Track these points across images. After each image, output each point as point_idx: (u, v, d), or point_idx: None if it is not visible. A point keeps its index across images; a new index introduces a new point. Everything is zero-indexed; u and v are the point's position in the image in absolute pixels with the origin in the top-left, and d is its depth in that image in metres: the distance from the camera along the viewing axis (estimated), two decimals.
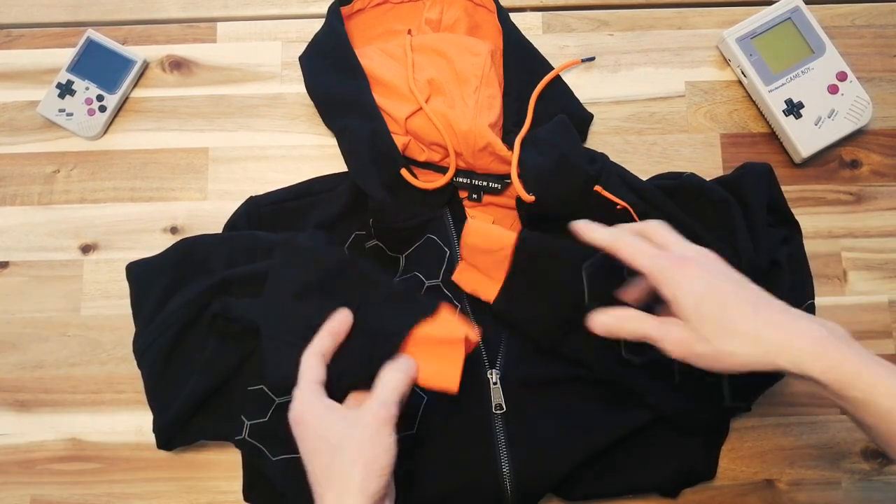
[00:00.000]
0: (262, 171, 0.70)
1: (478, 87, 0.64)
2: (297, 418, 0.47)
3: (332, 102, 0.66)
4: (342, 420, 0.46)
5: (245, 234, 0.64)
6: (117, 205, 0.69)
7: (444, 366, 0.52)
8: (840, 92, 0.68)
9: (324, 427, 0.46)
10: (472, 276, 0.61)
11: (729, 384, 0.58)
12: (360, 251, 0.65)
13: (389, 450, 0.46)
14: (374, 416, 0.46)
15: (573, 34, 0.73)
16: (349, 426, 0.46)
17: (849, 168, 0.70)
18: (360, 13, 0.70)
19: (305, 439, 0.47)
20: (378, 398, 0.47)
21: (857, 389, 0.42)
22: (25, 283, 0.68)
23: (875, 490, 0.64)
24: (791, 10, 0.69)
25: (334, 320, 0.52)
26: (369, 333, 0.53)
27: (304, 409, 0.47)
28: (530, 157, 0.62)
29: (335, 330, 0.52)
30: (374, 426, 0.45)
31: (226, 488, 0.64)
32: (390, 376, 0.48)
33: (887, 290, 0.68)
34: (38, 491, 0.64)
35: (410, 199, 0.64)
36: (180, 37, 0.73)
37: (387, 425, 0.46)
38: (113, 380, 0.66)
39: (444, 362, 0.52)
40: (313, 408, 0.47)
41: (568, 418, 0.60)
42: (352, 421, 0.46)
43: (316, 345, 0.51)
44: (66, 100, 0.70)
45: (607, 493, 0.61)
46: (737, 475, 0.64)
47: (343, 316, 0.53)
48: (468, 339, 0.53)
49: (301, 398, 0.48)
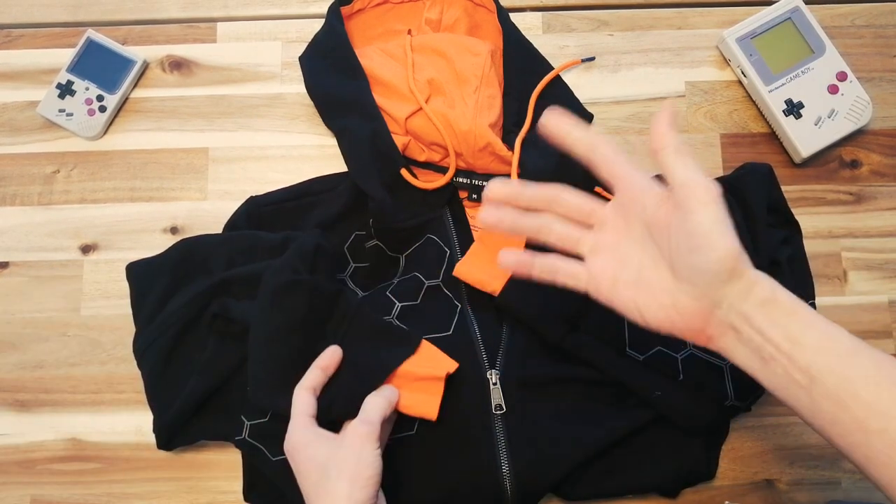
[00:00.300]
0: (262, 171, 0.70)
1: (478, 87, 0.64)
2: (290, 448, 0.52)
3: (332, 102, 0.66)
4: (330, 443, 0.51)
5: (245, 233, 0.64)
6: (117, 205, 0.69)
7: (425, 397, 0.56)
8: (840, 92, 0.68)
9: (313, 451, 0.50)
10: (477, 268, 0.61)
11: (731, 383, 0.58)
12: (360, 251, 0.65)
13: (373, 463, 0.49)
14: (356, 434, 0.50)
15: (573, 34, 0.73)
16: (336, 447, 0.50)
17: (849, 168, 0.70)
18: (360, 13, 0.70)
19: (298, 463, 0.51)
20: (361, 418, 0.51)
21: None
22: (25, 283, 0.68)
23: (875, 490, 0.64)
24: (791, 10, 0.69)
25: (325, 357, 0.56)
26: (356, 369, 0.56)
27: (297, 439, 0.51)
28: (530, 157, 0.62)
29: (325, 365, 0.55)
30: (358, 443, 0.50)
31: (226, 488, 0.64)
32: (374, 401, 0.53)
33: (887, 290, 0.68)
34: (38, 491, 0.64)
35: (410, 199, 0.64)
36: (180, 37, 0.73)
37: (369, 441, 0.50)
38: (113, 380, 0.66)
39: (425, 394, 0.56)
40: (305, 437, 0.51)
41: (568, 418, 0.60)
42: (338, 443, 0.51)
43: (307, 380, 0.54)
44: (66, 100, 0.70)
45: (607, 492, 0.61)
46: (737, 475, 0.64)
47: (333, 352, 0.56)
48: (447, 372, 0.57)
49: (294, 430, 0.52)
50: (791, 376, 0.42)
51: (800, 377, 0.42)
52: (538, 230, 0.50)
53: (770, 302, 0.43)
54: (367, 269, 0.65)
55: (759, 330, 0.43)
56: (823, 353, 0.42)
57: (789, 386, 0.42)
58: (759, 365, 0.44)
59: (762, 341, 0.43)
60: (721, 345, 0.45)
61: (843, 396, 0.41)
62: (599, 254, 0.49)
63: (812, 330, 0.42)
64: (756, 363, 0.44)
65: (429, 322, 0.61)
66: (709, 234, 0.42)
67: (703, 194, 0.42)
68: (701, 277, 0.43)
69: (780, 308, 0.43)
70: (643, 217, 0.46)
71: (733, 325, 0.44)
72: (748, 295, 0.43)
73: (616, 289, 0.48)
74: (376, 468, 0.49)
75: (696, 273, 0.44)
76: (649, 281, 0.46)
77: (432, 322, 0.61)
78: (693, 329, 0.45)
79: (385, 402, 0.53)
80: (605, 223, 0.49)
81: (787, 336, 0.42)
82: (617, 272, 0.48)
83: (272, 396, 0.56)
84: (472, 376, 0.59)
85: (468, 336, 0.61)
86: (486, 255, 0.62)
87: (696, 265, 0.43)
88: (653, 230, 0.46)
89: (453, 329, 0.61)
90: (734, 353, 0.45)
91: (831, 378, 0.41)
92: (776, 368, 0.43)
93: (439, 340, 0.60)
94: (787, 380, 0.42)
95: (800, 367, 0.42)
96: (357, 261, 0.65)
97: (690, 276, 0.44)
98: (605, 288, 0.48)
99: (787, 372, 0.42)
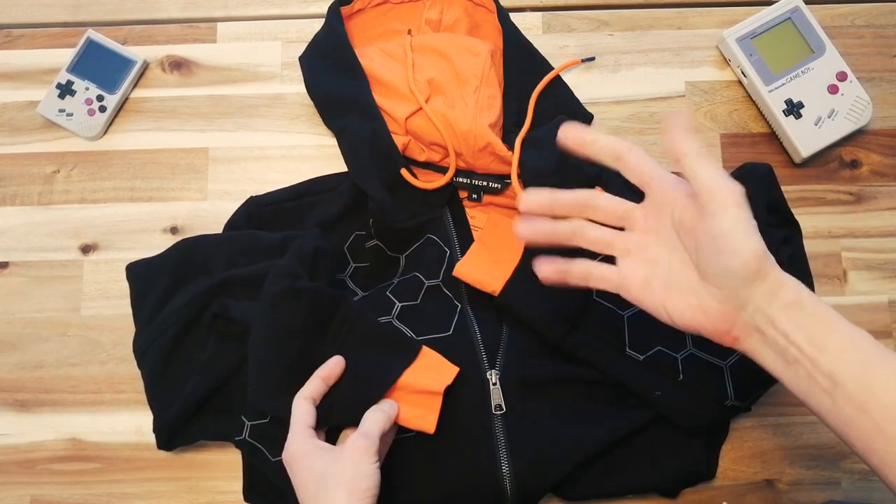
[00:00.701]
0: (262, 171, 0.70)
1: (478, 87, 0.64)
2: (289, 459, 0.52)
3: (332, 102, 0.66)
4: (328, 454, 0.51)
5: (245, 234, 0.64)
6: (117, 205, 0.69)
7: (423, 411, 0.57)
8: (840, 92, 0.68)
9: (312, 462, 0.51)
10: (477, 267, 0.61)
11: (731, 383, 0.58)
12: (360, 251, 0.65)
13: (371, 475, 0.50)
14: (355, 447, 0.51)
15: (573, 34, 0.73)
16: (334, 459, 0.51)
17: (849, 168, 0.70)
18: (360, 13, 0.70)
19: (296, 473, 0.52)
20: (360, 432, 0.52)
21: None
22: (25, 283, 0.68)
23: (875, 490, 0.64)
24: (791, 10, 0.69)
25: (327, 367, 0.56)
26: (357, 380, 0.56)
27: (296, 449, 0.52)
28: (530, 157, 0.62)
29: (327, 375, 0.56)
30: (357, 455, 0.50)
31: (226, 488, 0.64)
32: (373, 415, 0.54)
33: (887, 290, 0.68)
34: (38, 491, 0.64)
35: (410, 199, 0.64)
36: (180, 37, 0.73)
37: (367, 454, 0.50)
38: (113, 380, 0.66)
39: (423, 408, 0.57)
40: (304, 448, 0.52)
41: (568, 418, 0.60)
42: (336, 454, 0.51)
43: (308, 389, 0.55)
44: (66, 100, 0.70)
45: (607, 492, 0.61)
46: (737, 475, 0.64)
47: (336, 363, 0.56)
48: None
49: (293, 440, 0.52)
50: (814, 379, 0.42)
51: (822, 380, 0.42)
52: (572, 235, 0.50)
53: (795, 305, 0.43)
54: (367, 269, 0.65)
55: (784, 332, 0.43)
56: (846, 358, 0.42)
57: (812, 388, 0.43)
58: (784, 367, 0.44)
59: (786, 344, 0.43)
60: (746, 346, 0.45)
61: (864, 400, 0.41)
62: (631, 255, 0.49)
63: (835, 333, 0.42)
64: (780, 365, 0.44)
65: (429, 322, 0.61)
66: (733, 236, 0.42)
67: (726, 197, 0.43)
68: (726, 280, 0.44)
69: (805, 311, 0.43)
70: (672, 219, 0.47)
71: (758, 327, 0.44)
72: (774, 297, 0.43)
73: (646, 290, 0.48)
74: (374, 480, 0.50)
75: (721, 275, 0.44)
76: (678, 282, 0.46)
77: (432, 322, 0.61)
78: (719, 330, 0.46)
79: (384, 417, 0.54)
80: (637, 225, 0.49)
81: (810, 339, 0.42)
82: (648, 273, 0.48)
83: (272, 401, 0.56)
84: (471, 377, 0.59)
85: (468, 336, 0.61)
86: (486, 255, 0.62)
87: (722, 267, 0.43)
88: (680, 232, 0.46)
89: (453, 329, 0.61)
90: (759, 354, 0.45)
91: (853, 382, 0.41)
92: (799, 371, 0.43)
93: (439, 341, 0.60)
94: (810, 382, 0.42)
95: (822, 370, 0.42)
96: (357, 261, 0.65)
97: (716, 278, 0.44)
98: (636, 289, 0.48)
99: (810, 375, 0.42)
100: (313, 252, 0.59)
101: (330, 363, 0.56)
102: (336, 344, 0.57)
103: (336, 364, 0.56)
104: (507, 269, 0.61)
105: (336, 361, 0.56)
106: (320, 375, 0.55)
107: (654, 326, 0.59)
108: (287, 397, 0.55)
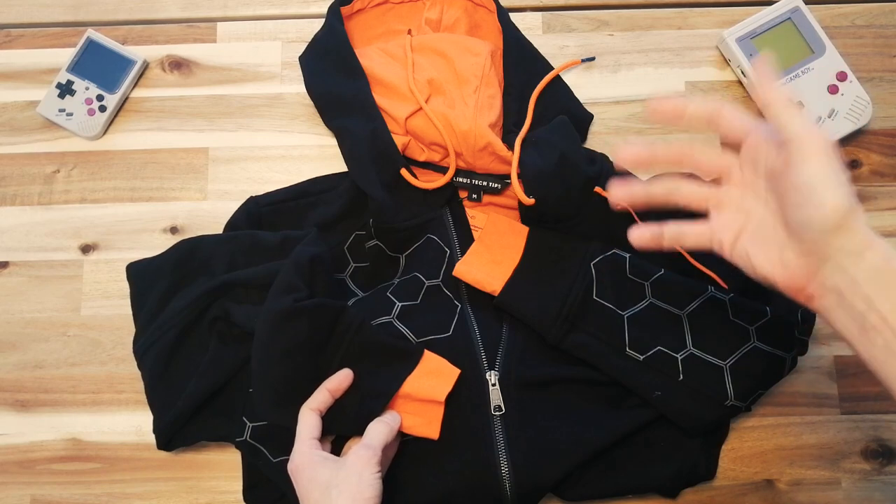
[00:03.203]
0: (262, 171, 0.70)
1: (478, 87, 0.64)
2: (294, 469, 0.53)
3: (332, 102, 0.66)
4: (332, 465, 0.52)
5: (245, 234, 0.64)
6: (117, 205, 0.69)
7: (426, 419, 0.57)
8: (840, 92, 0.68)
9: (316, 472, 0.52)
10: (477, 267, 0.61)
11: (731, 383, 0.58)
12: (360, 251, 0.65)
13: (374, 485, 0.51)
14: (358, 457, 0.52)
15: (573, 34, 0.73)
16: (338, 469, 0.52)
17: (849, 168, 0.70)
18: (360, 13, 0.70)
19: (300, 482, 0.52)
20: (363, 443, 0.53)
21: None
22: (25, 283, 0.68)
23: (875, 490, 0.64)
24: (791, 10, 0.69)
25: (335, 379, 0.56)
26: (358, 390, 0.57)
27: (301, 460, 0.53)
28: (530, 157, 0.62)
29: (334, 388, 0.56)
30: (360, 465, 0.51)
31: (226, 488, 0.64)
32: (376, 427, 0.55)
33: None
34: (38, 491, 0.64)
35: (410, 199, 0.64)
36: (180, 37, 0.73)
37: (370, 464, 0.51)
38: (113, 380, 0.66)
39: (426, 417, 0.57)
40: (309, 458, 0.53)
41: (567, 419, 0.60)
42: (340, 465, 0.52)
43: (314, 401, 0.55)
44: (66, 100, 0.70)
45: (607, 493, 0.61)
46: (737, 475, 0.64)
47: (344, 376, 0.57)
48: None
49: (298, 452, 0.53)
50: (892, 349, 0.40)
51: None
52: (668, 194, 0.49)
53: (883, 270, 0.41)
54: (367, 269, 0.65)
55: (866, 298, 0.41)
56: None
57: (889, 360, 0.41)
58: (857, 332, 0.42)
59: (866, 309, 0.41)
60: (820, 306, 0.44)
61: None
62: (725, 208, 0.48)
63: None
64: (854, 330, 0.42)
65: (429, 322, 0.61)
66: (817, 185, 0.41)
67: (811, 146, 0.41)
68: (806, 231, 0.42)
69: (894, 278, 0.41)
70: (764, 169, 0.46)
71: (837, 288, 0.42)
72: (859, 258, 0.41)
73: (737, 242, 0.47)
74: (376, 490, 0.51)
75: (801, 226, 0.43)
76: (765, 234, 0.46)
77: (432, 322, 0.61)
78: (795, 285, 0.45)
79: (387, 430, 0.54)
80: (733, 178, 0.48)
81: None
82: (741, 226, 0.47)
83: (278, 414, 0.56)
84: (471, 377, 0.59)
85: (468, 336, 0.61)
86: (486, 254, 0.62)
87: (803, 217, 0.42)
88: (770, 182, 0.45)
89: (453, 329, 0.61)
90: (833, 316, 0.43)
91: None
92: (876, 339, 0.41)
93: (439, 342, 0.60)
94: (888, 354, 0.40)
95: None
96: (357, 261, 0.65)
97: (797, 229, 0.43)
98: (728, 242, 0.47)
99: (889, 345, 0.40)
100: (309, 263, 0.59)
101: (339, 375, 0.56)
102: (338, 356, 0.57)
103: (345, 377, 0.56)
104: (507, 269, 0.61)
105: (345, 374, 0.56)
106: (328, 387, 0.56)
107: (654, 326, 0.59)
108: (291, 408, 0.55)
